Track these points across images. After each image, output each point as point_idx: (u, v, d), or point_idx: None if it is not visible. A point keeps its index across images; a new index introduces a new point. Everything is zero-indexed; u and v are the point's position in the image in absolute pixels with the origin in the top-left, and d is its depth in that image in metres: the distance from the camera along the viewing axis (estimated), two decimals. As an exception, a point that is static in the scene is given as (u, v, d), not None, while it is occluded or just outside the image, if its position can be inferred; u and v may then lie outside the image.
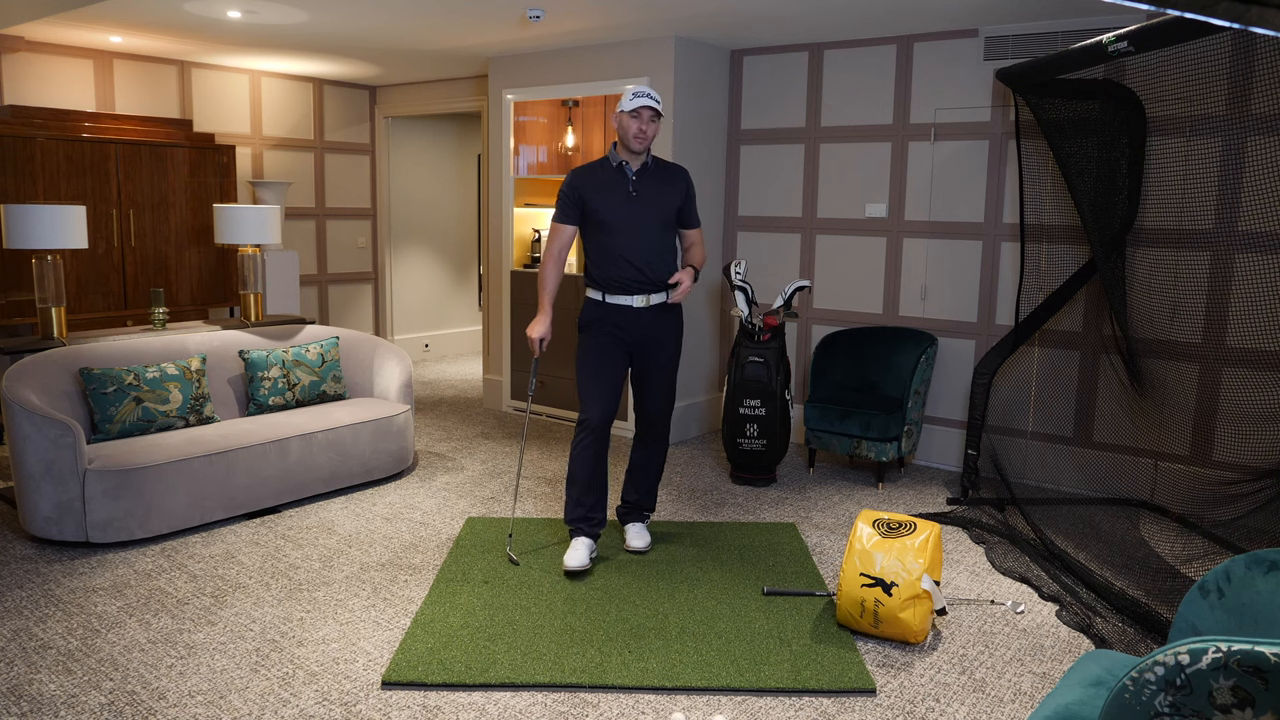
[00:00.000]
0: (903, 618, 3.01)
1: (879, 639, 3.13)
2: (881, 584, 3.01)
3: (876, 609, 3.03)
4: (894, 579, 3.00)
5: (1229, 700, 1.34)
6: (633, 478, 3.93)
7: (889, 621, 3.04)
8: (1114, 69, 4.31)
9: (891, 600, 3.00)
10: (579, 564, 3.55)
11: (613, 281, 3.62)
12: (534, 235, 6.43)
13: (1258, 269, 4.17)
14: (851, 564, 3.08)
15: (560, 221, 3.66)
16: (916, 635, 3.04)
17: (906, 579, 2.99)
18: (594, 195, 3.60)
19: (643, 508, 3.95)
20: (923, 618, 3.03)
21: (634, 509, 3.94)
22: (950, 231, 5.14)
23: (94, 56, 6.01)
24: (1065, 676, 2.07)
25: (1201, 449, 4.44)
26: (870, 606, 3.04)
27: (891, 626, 3.05)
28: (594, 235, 3.65)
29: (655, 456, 3.89)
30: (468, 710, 2.64)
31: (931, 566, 3.03)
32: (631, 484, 3.93)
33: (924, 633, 3.07)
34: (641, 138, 3.53)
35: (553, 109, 6.18)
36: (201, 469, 3.96)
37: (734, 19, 4.89)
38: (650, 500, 3.96)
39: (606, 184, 3.61)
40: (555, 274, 3.68)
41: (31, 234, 4.30)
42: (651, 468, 3.90)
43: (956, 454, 5.20)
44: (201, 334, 4.69)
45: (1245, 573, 1.96)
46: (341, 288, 7.77)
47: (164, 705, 2.63)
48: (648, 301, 3.64)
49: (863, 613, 3.07)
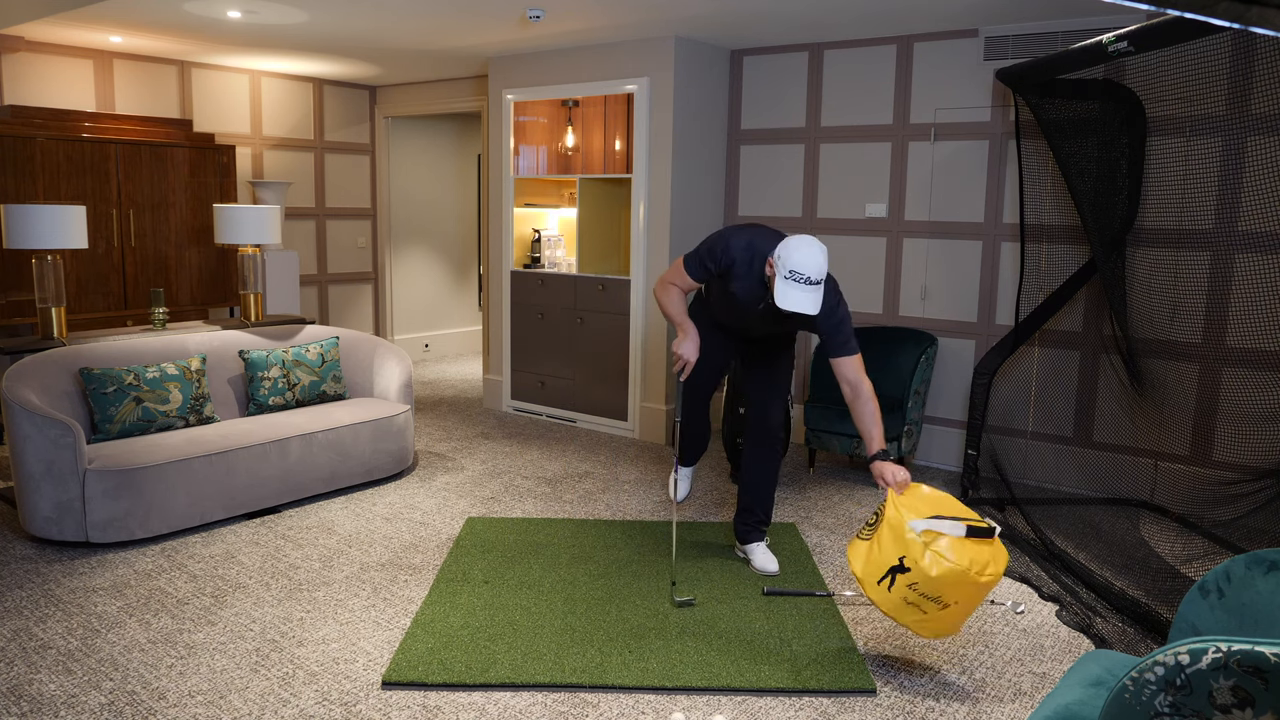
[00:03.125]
0: (935, 576, 2.63)
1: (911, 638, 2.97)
2: (894, 570, 2.71)
3: (913, 594, 2.69)
4: (899, 555, 2.70)
5: (1229, 700, 1.34)
6: (749, 487, 3.67)
7: (931, 588, 2.66)
8: (1114, 69, 4.31)
9: (912, 571, 2.67)
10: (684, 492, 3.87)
11: (720, 322, 3.57)
12: (534, 235, 6.43)
13: (1258, 269, 4.17)
14: (873, 591, 2.78)
15: (690, 273, 3.35)
16: (980, 576, 2.63)
17: (903, 539, 2.70)
18: (733, 278, 3.28)
19: (758, 520, 3.70)
20: (962, 553, 2.65)
21: (751, 523, 3.70)
22: (950, 231, 5.14)
23: (94, 56, 6.01)
24: (1065, 676, 2.07)
25: (1201, 449, 4.44)
26: (913, 599, 2.70)
27: (938, 589, 2.65)
28: (717, 290, 3.44)
29: (764, 460, 3.62)
30: (468, 710, 2.64)
31: (918, 509, 2.77)
32: (744, 489, 3.70)
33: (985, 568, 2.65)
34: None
35: (553, 109, 6.18)
36: (201, 469, 3.96)
37: (734, 19, 4.89)
38: (764, 512, 3.69)
39: (748, 279, 3.26)
40: (680, 297, 3.44)
41: (31, 234, 4.30)
42: (760, 472, 3.63)
43: (956, 454, 5.20)
44: (201, 334, 4.69)
45: (1245, 573, 1.96)
46: (341, 288, 7.77)
47: (164, 705, 2.63)
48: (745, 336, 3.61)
49: (911, 609, 2.72)
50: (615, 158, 5.83)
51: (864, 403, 3.13)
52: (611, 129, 5.84)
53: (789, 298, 2.94)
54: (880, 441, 3.09)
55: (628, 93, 5.57)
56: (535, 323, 6.21)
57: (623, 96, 5.71)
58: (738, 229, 3.33)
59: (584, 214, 5.93)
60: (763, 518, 3.72)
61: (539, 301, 6.17)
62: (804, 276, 2.93)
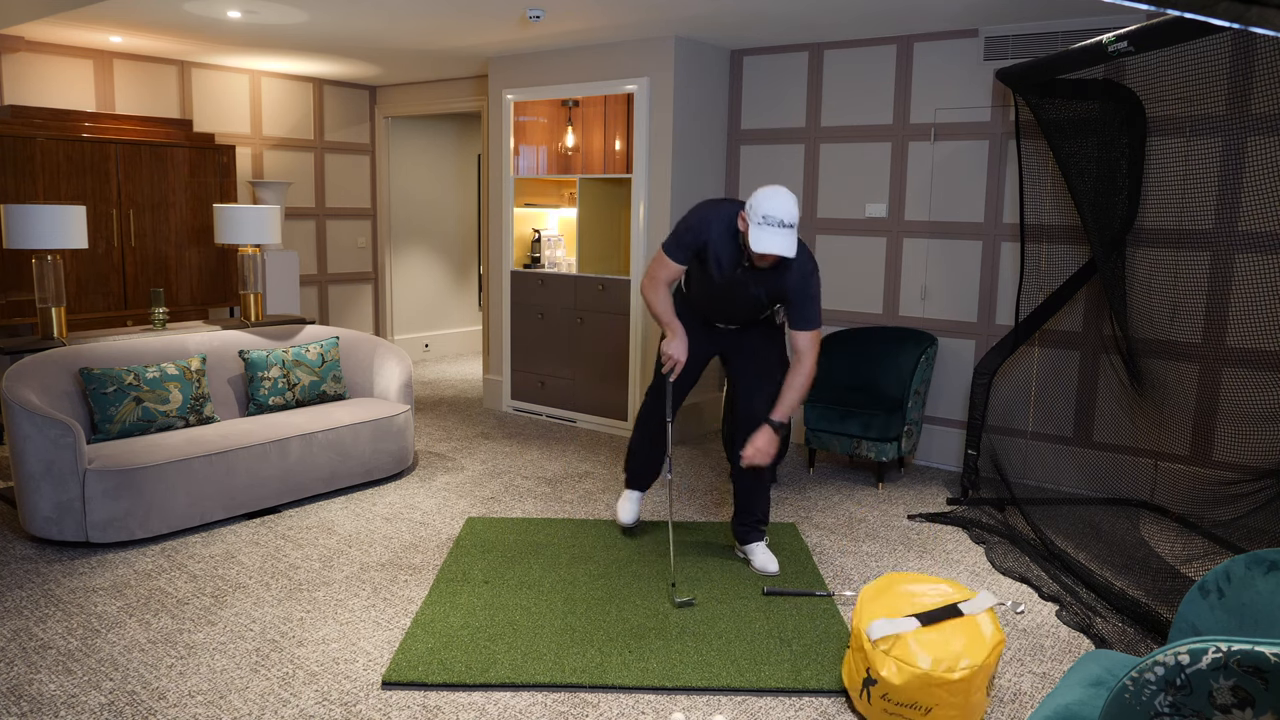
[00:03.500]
0: (899, 685, 2.47)
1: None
2: (866, 683, 2.57)
3: (890, 705, 2.52)
4: (865, 667, 2.56)
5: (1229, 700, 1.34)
6: (744, 487, 3.68)
7: (902, 697, 2.48)
8: (1114, 69, 4.31)
9: (880, 683, 2.51)
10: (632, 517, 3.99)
11: (699, 310, 3.62)
12: (534, 235, 6.43)
13: (1258, 269, 4.17)
14: (860, 706, 2.62)
15: (671, 258, 3.41)
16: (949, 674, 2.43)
17: (865, 650, 2.56)
18: (712, 250, 3.36)
19: (756, 520, 3.69)
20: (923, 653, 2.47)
21: (749, 524, 3.70)
22: (950, 231, 5.14)
23: (94, 56, 6.01)
24: (1065, 676, 2.07)
25: (1201, 449, 4.44)
26: (892, 710, 2.52)
27: (910, 696, 2.47)
28: (695, 276, 3.51)
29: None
30: (468, 710, 2.64)
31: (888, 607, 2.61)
32: (740, 490, 3.70)
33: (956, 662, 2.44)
34: (764, 262, 3.26)
35: (553, 109, 6.18)
36: (201, 469, 3.96)
37: (734, 19, 4.89)
38: (762, 512, 3.70)
39: (726, 247, 3.35)
40: (667, 296, 3.50)
41: (31, 234, 4.30)
42: (754, 472, 3.60)
43: (956, 454, 5.20)
44: (201, 334, 4.69)
45: (1245, 573, 1.96)
46: (341, 288, 7.77)
47: (164, 705, 2.63)
48: (727, 326, 3.66)
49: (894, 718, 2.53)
50: (615, 158, 5.83)
51: (797, 374, 3.36)
52: (611, 129, 5.84)
53: (764, 241, 3.08)
54: (783, 413, 3.38)
55: (628, 93, 5.57)
56: (535, 323, 6.21)
57: (623, 96, 5.72)
58: (706, 202, 3.45)
59: (584, 214, 5.94)
60: (761, 517, 3.72)
61: (539, 301, 6.17)
62: (777, 219, 3.08)
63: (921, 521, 4.34)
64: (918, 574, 2.83)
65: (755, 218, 3.11)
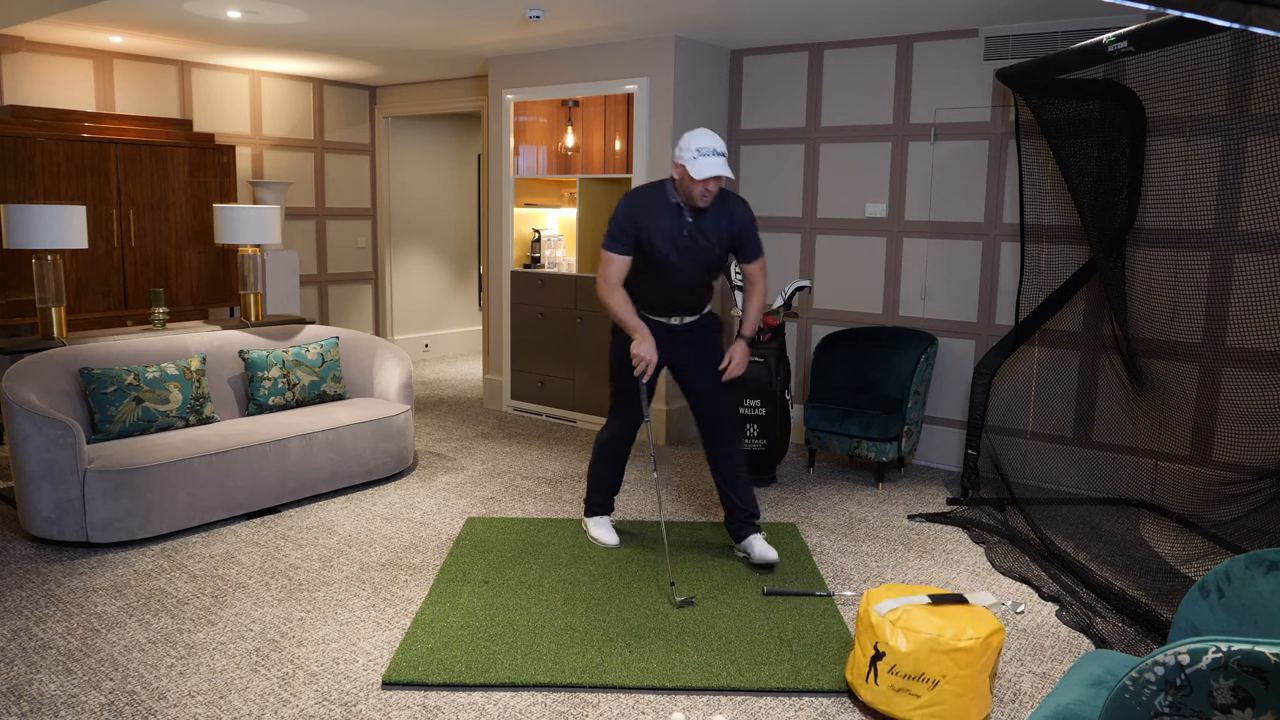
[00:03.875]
0: (907, 651, 2.50)
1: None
2: (873, 660, 2.58)
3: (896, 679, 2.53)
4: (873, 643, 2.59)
5: (1229, 700, 1.34)
6: (726, 488, 3.73)
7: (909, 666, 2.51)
8: (1114, 69, 4.31)
9: (888, 655, 2.54)
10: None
11: (650, 303, 3.63)
12: (534, 235, 6.43)
13: (1258, 269, 4.17)
14: (865, 692, 2.64)
15: (615, 252, 3.52)
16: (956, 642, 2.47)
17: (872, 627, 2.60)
18: (649, 228, 3.48)
19: (747, 516, 3.74)
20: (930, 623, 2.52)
21: (741, 519, 3.74)
22: (950, 231, 5.14)
23: (94, 56, 6.01)
24: (1065, 676, 2.07)
25: (1201, 449, 4.44)
26: (899, 684, 2.53)
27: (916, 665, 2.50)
28: (640, 263, 3.57)
29: (728, 457, 3.69)
30: (468, 710, 2.64)
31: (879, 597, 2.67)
32: (722, 492, 3.75)
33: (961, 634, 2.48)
34: (707, 198, 3.38)
35: (553, 109, 6.18)
36: (201, 469, 3.96)
37: (734, 19, 4.89)
38: (749, 506, 3.74)
39: (662, 219, 3.48)
40: (625, 299, 3.56)
41: (31, 234, 4.30)
42: (729, 470, 3.70)
43: (956, 454, 5.20)
44: (201, 334, 4.69)
45: (1245, 573, 1.96)
46: (341, 288, 7.77)
47: (164, 705, 2.63)
48: (681, 320, 3.67)
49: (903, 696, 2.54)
50: (615, 158, 5.83)
51: (755, 296, 3.66)
52: (611, 129, 5.84)
53: (706, 167, 3.29)
54: (750, 328, 3.65)
55: (628, 93, 5.57)
56: (535, 323, 6.21)
57: (623, 96, 5.71)
58: (625, 194, 3.63)
59: (584, 214, 5.93)
60: (751, 511, 3.75)
61: (539, 301, 6.17)
62: (710, 148, 3.30)
63: (921, 521, 4.35)
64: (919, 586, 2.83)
65: (689, 155, 3.32)
